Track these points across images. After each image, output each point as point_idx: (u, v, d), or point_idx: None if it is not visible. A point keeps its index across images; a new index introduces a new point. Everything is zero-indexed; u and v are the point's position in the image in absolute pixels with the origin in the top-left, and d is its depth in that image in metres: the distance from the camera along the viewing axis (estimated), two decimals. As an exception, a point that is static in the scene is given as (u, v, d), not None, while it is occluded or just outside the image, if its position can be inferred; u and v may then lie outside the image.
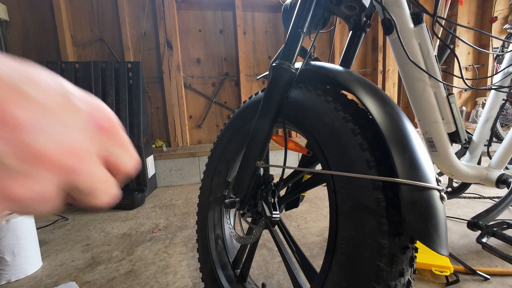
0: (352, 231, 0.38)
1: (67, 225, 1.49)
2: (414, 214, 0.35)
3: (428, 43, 0.66)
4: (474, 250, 0.98)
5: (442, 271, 0.81)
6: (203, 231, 0.77)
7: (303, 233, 1.22)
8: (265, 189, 0.57)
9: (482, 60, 3.01)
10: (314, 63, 0.54)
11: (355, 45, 0.68)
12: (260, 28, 2.58)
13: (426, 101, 0.70)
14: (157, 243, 1.20)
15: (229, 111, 2.59)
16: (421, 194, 0.36)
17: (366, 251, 0.36)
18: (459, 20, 2.85)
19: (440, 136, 0.73)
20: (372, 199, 0.37)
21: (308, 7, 0.53)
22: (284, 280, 0.88)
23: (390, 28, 0.63)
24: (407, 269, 0.38)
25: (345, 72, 0.48)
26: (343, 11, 0.64)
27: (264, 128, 0.53)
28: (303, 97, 0.51)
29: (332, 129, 0.44)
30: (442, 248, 0.34)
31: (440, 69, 0.68)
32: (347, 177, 0.40)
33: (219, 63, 2.53)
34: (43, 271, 1.02)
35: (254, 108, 0.66)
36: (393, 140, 0.38)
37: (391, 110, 0.41)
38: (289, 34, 0.54)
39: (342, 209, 0.40)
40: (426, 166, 0.38)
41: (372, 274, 0.36)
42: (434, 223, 0.35)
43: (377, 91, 0.44)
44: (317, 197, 1.71)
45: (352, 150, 0.40)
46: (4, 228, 0.94)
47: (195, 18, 2.44)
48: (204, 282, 0.76)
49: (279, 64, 0.52)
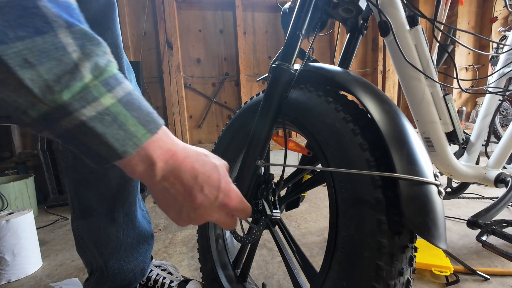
0: (352, 231, 0.38)
1: (67, 225, 1.49)
2: (412, 208, 0.35)
3: (424, 45, 0.67)
4: (474, 250, 0.98)
5: (442, 271, 0.81)
6: (203, 231, 0.78)
7: (303, 233, 1.22)
8: (266, 188, 0.57)
9: (482, 60, 3.01)
10: (313, 64, 0.55)
11: (353, 46, 0.69)
12: (260, 28, 2.58)
13: (423, 101, 0.70)
14: (157, 243, 1.20)
15: (229, 111, 2.59)
16: (419, 188, 0.36)
17: (366, 250, 0.37)
18: (459, 20, 2.85)
19: (437, 135, 0.73)
20: (372, 198, 0.37)
21: (306, 10, 0.54)
22: (284, 280, 0.88)
23: (386, 30, 0.64)
24: (407, 268, 0.38)
25: (343, 73, 0.49)
26: (341, 14, 0.65)
27: (264, 127, 0.53)
28: (304, 97, 0.51)
29: (333, 129, 0.44)
30: (441, 242, 0.35)
31: (436, 69, 0.69)
32: (347, 176, 0.40)
33: (219, 63, 2.53)
34: (43, 271, 1.02)
35: (255, 108, 0.66)
36: (391, 136, 0.38)
37: (389, 108, 0.42)
38: (288, 36, 0.54)
39: (342, 208, 0.41)
40: (424, 162, 0.38)
41: (371, 273, 0.36)
42: (433, 217, 0.35)
43: (375, 90, 0.45)
44: (317, 197, 1.71)
45: (353, 150, 0.40)
46: (4, 228, 0.94)
47: (195, 18, 2.44)
48: (204, 282, 0.76)
49: (278, 65, 0.52)
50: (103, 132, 0.23)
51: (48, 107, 0.21)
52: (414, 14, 0.65)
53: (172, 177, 0.30)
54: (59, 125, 0.23)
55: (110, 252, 0.65)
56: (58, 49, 0.21)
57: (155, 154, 0.28)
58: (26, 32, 0.20)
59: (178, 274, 0.78)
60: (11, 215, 1.01)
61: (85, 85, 0.22)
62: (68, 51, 0.21)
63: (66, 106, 0.22)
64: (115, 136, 0.24)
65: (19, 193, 1.61)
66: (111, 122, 0.24)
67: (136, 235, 0.69)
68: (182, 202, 0.32)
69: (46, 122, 0.22)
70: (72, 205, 0.64)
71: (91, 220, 0.63)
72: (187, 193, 0.31)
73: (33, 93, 0.21)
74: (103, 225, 0.64)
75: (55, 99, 0.21)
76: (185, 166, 0.30)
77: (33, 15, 0.20)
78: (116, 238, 0.65)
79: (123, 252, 0.67)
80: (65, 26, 0.21)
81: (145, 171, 0.28)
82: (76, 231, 0.66)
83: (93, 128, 0.23)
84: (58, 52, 0.21)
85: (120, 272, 0.67)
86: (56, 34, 0.21)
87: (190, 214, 0.33)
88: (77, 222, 0.65)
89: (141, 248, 0.70)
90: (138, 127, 0.26)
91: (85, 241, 0.66)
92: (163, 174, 0.29)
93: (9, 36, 0.19)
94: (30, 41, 0.20)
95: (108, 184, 0.62)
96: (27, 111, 0.21)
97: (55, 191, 1.92)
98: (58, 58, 0.21)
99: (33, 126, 0.23)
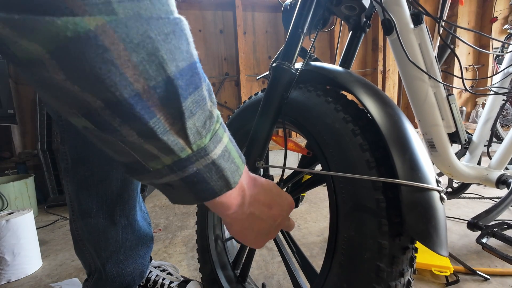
0: (353, 232, 0.38)
1: (67, 225, 1.49)
2: (414, 215, 0.35)
3: (428, 44, 0.66)
4: (474, 250, 0.98)
5: (442, 271, 0.81)
6: (203, 231, 0.77)
7: (303, 233, 1.22)
8: (265, 189, 0.57)
9: (482, 60, 3.00)
10: (314, 63, 0.54)
11: (355, 45, 0.68)
12: (260, 28, 2.58)
13: (426, 101, 0.70)
14: (157, 243, 1.20)
15: (229, 111, 2.59)
16: (421, 195, 0.36)
17: (366, 252, 0.36)
18: (459, 20, 2.85)
19: (440, 136, 0.73)
20: (372, 200, 0.37)
21: (308, 8, 0.53)
22: (284, 280, 0.88)
23: (390, 28, 0.63)
24: (407, 269, 0.38)
25: (345, 73, 0.48)
26: (343, 11, 0.64)
27: (264, 128, 0.52)
28: (303, 97, 0.51)
29: (333, 129, 0.44)
30: (442, 249, 0.34)
31: (440, 69, 0.68)
32: (347, 178, 0.40)
33: (219, 63, 2.53)
34: (43, 271, 1.02)
35: (254, 108, 0.66)
36: (393, 141, 0.38)
37: (391, 111, 0.41)
38: (289, 34, 0.53)
39: (343, 209, 0.40)
40: (426, 167, 0.38)
41: (372, 274, 0.36)
42: (434, 224, 0.35)
43: (377, 91, 0.44)
44: (317, 197, 1.71)
45: (353, 150, 0.40)
46: (4, 228, 0.94)
47: (195, 18, 2.44)
48: (204, 282, 0.76)
49: (279, 64, 0.52)
50: (224, 167, 0.26)
51: (190, 152, 0.24)
52: (418, 12, 0.64)
53: (256, 202, 0.33)
54: (189, 168, 0.24)
55: (109, 255, 0.65)
56: (204, 99, 0.24)
57: (245, 183, 0.31)
58: (193, 88, 0.22)
59: (177, 275, 0.78)
60: (11, 215, 1.00)
61: (215, 128, 0.26)
62: (206, 101, 0.24)
63: (206, 148, 0.25)
64: (230, 170, 0.27)
65: (19, 193, 1.61)
66: (227, 157, 0.27)
67: (136, 238, 0.69)
68: (267, 221, 0.35)
69: (174, 168, 0.24)
70: (71, 207, 0.64)
71: (90, 222, 0.63)
72: (270, 214, 0.34)
73: (188, 140, 0.23)
74: (103, 228, 0.63)
75: (201, 143, 0.24)
76: (264, 190, 0.34)
77: (195, 74, 0.23)
78: (115, 241, 0.65)
79: (122, 255, 0.67)
80: (204, 79, 0.24)
81: (239, 203, 0.30)
82: (75, 233, 0.66)
83: (219, 165, 0.26)
84: (203, 102, 0.24)
85: (119, 274, 0.67)
86: (202, 87, 0.24)
87: (272, 232, 0.36)
88: (76, 224, 0.65)
89: (140, 251, 0.70)
90: (239, 160, 0.29)
91: (84, 244, 0.66)
92: (250, 200, 0.32)
93: (186, 91, 0.22)
94: (194, 95, 0.23)
95: (109, 187, 0.62)
96: (161, 158, 0.24)
97: (55, 191, 1.92)
98: (202, 107, 0.24)
99: (155, 174, 0.25)
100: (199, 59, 0.24)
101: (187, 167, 0.24)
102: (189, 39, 0.22)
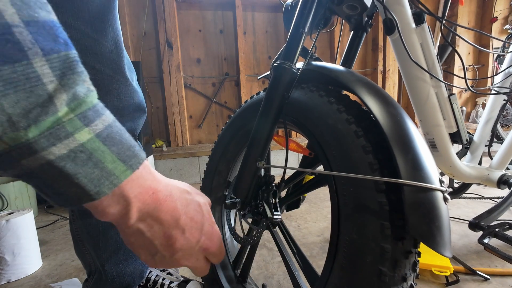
0: (355, 235, 0.38)
1: (67, 225, 1.49)
2: (417, 216, 0.34)
3: (430, 43, 0.66)
4: (474, 250, 0.98)
5: (442, 271, 0.81)
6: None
7: (303, 233, 1.22)
8: (266, 190, 0.57)
9: (482, 60, 3.00)
10: (315, 63, 0.54)
11: (356, 45, 0.68)
12: (260, 28, 2.57)
13: (428, 101, 0.69)
14: (157, 243, 1.19)
15: (229, 111, 2.59)
16: (425, 195, 0.35)
17: (368, 255, 0.36)
18: (459, 20, 2.85)
19: (441, 136, 0.73)
20: (375, 202, 0.36)
21: (309, 7, 0.52)
22: (284, 280, 0.88)
23: (391, 28, 0.63)
24: (410, 274, 0.37)
25: (347, 72, 0.48)
26: (345, 11, 0.64)
27: (265, 128, 0.52)
28: (305, 97, 0.51)
29: (335, 130, 0.43)
30: (446, 250, 0.34)
31: (441, 69, 0.68)
32: (349, 180, 0.39)
33: (219, 63, 2.53)
34: (43, 271, 1.02)
35: (255, 108, 0.66)
36: (396, 141, 0.37)
37: (394, 110, 0.41)
38: (290, 34, 0.53)
39: (344, 212, 0.40)
40: (430, 167, 0.37)
41: (374, 278, 0.35)
42: (438, 224, 0.34)
43: (379, 91, 0.44)
44: (317, 197, 1.71)
45: (355, 152, 0.40)
46: (4, 228, 0.94)
47: (195, 18, 2.44)
48: (204, 283, 0.76)
49: (280, 64, 0.51)
50: (74, 172, 0.21)
51: (6, 146, 0.18)
52: (420, 11, 0.64)
53: (150, 218, 0.27)
54: (18, 165, 0.20)
55: (109, 255, 0.65)
56: (30, 79, 0.18)
57: (133, 194, 0.25)
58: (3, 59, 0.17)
59: (177, 275, 0.78)
60: (11, 215, 1.00)
61: (58, 120, 0.20)
62: (43, 82, 0.19)
63: (30, 144, 0.19)
64: (88, 176, 0.21)
65: (19, 193, 1.61)
66: (85, 160, 0.21)
67: None
68: (158, 246, 0.28)
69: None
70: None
71: (90, 223, 0.62)
72: (166, 237, 0.28)
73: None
74: (102, 229, 0.63)
75: (16, 137, 0.18)
76: (167, 207, 0.27)
77: (5, 42, 0.17)
78: (115, 241, 0.65)
79: (122, 255, 0.66)
80: (42, 53, 0.19)
81: (118, 213, 0.25)
82: (75, 233, 0.66)
83: (62, 168, 0.20)
84: (29, 83, 0.18)
85: (119, 275, 0.66)
86: (30, 63, 0.18)
87: (166, 259, 0.29)
88: (76, 225, 0.65)
89: None
90: (117, 164, 0.23)
91: (84, 244, 0.65)
92: (139, 215, 0.26)
93: None
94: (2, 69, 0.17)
95: None
96: None
97: (55, 191, 1.91)
98: (28, 89, 0.18)
99: None
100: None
101: (11, 163, 0.19)
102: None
